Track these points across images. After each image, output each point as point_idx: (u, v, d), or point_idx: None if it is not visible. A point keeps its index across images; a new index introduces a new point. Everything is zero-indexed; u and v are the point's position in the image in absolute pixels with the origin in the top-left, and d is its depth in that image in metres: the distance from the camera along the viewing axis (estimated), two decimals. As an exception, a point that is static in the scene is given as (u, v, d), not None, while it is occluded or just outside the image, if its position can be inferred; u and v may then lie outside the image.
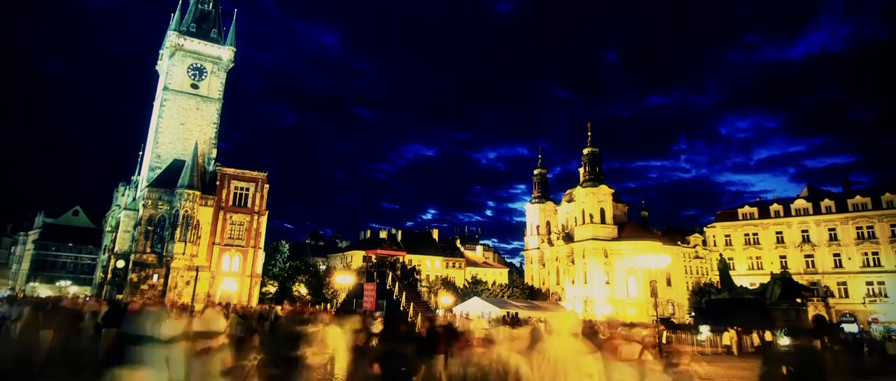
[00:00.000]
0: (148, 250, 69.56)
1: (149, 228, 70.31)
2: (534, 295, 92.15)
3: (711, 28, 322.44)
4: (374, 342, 14.03)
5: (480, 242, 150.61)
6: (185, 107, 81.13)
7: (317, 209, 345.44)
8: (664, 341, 35.56)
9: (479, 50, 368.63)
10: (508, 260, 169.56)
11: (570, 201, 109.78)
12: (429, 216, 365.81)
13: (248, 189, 76.65)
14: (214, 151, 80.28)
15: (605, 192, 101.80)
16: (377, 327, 17.10)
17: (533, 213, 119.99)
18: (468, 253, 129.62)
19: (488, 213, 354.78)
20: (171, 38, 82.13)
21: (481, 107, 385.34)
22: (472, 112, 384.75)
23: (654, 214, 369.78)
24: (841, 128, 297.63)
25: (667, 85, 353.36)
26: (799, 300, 57.06)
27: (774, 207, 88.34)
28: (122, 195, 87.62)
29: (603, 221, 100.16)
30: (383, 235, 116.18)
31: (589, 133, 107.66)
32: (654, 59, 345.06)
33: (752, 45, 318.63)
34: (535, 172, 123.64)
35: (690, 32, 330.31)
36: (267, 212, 77.72)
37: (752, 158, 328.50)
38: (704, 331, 46.92)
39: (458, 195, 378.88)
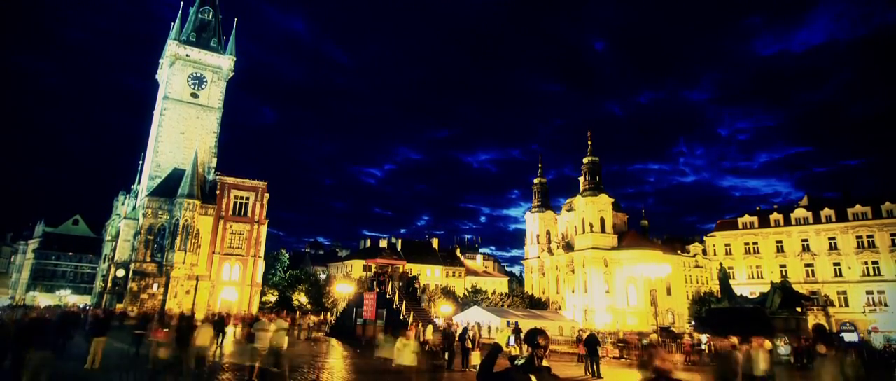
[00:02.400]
0: (148, 259, 69.56)
1: (149, 237, 70.33)
2: (534, 304, 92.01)
3: (707, 11, 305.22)
4: None
5: (480, 250, 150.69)
6: (185, 116, 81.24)
7: (309, 216, 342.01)
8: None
9: (456, 36, 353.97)
10: (508, 269, 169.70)
11: (569, 209, 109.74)
12: (422, 223, 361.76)
13: (248, 198, 76.70)
14: (214, 161, 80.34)
15: (605, 201, 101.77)
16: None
17: (533, 222, 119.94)
18: (468, 262, 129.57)
19: (482, 219, 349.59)
20: (171, 47, 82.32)
21: (466, 103, 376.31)
22: (457, 109, 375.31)
23: (654, 220, 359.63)
24: (846, 127, 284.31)
25: (660, 78, 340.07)
26: (799, 309, 56.99)
27: (774, 216, 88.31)
28: (122, 204, 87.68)
29: (603, 230, 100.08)
30: (383, 244, 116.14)
31: (589, 142, 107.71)
32: (645, 49, 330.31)
33: (751, 30, 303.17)
34: (535, 180, 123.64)
35: (683, 17, 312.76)
36: (267, 221, 77.78)
37: (752, 160, 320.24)
38: (703, 340, 46.95)
39: (452, 201, 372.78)
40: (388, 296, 47.65)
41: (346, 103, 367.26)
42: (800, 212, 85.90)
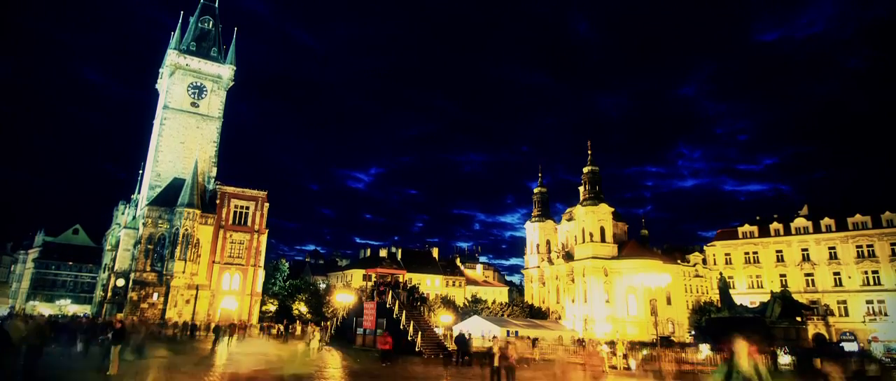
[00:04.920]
0: (148, 268, 69.50)
1: (149, 246, 70.30)
2: (534, 314, 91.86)
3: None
4: None
5: (479, 260, 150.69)
6: (185, 125, 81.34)
7: (297, 223, 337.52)
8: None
9: (431, 20, 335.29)
10: (507, 278, 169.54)
11: (569, 219, 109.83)
12: (416, 230, 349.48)
13: (247, 208, 76.71)
14: (214, 170, 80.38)
15: (605, 210, 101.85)
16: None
17: (533, 231, 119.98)
18: (468, 272, 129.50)
19: (476, 226, 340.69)
20: (171, 56, 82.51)
21: (448, 98, 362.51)
22: (439, 104, 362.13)
23: (654, 228, 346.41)
24: (851, 125, 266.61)
25: (652, 67, 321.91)
26: (799, 319, 56.95)
27: (774, 225, 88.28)
28: (123, 214, 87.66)
29: (603, 239, 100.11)
30: (383, 253, 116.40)
31: (589, 152, 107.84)
32: (634, 32, 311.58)
33: (749, 10, 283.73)
34: (535, 190, 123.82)
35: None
36: (267, 231, 77.76)
37: (752, 162, 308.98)
38: (704, 350, 46.84)
39: (445, 208, 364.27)
40: (388, 305, 47.62)
41: (322, 97, 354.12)
42: (800, 221, 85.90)
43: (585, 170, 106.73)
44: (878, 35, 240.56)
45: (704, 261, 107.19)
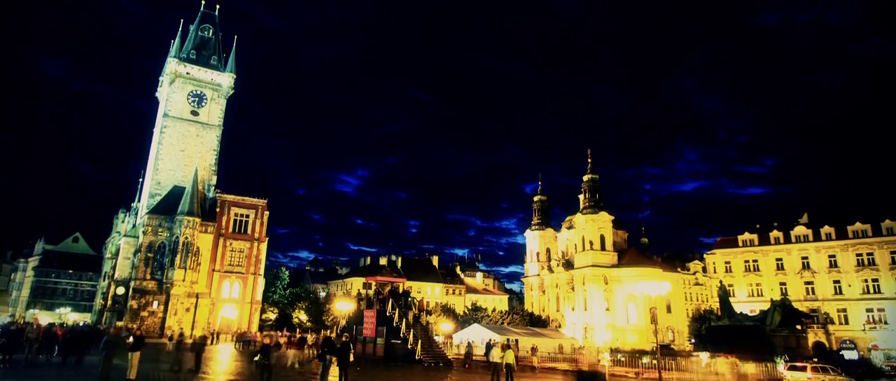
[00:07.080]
0: (148, 276, 69.50)
1: (149, 254, 70.32)
2: (534, 322, 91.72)
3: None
4: None
5: (479, 267, 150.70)
6: (185, 134, 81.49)
7: (288, 229, 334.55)
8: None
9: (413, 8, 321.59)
10: (506, 286, 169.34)
11: (569, 227, 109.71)
12: (410, 235, 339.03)
13: (247, 216, 76.79)
14: (214, 178, 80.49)
15: (605, 219, 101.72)
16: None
17: (533, 239, 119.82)
18: (468, 280, 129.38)
19: (471, 233, 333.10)
20: (171, 65, 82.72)
21: (428, 90, 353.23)
22: (421, 98, 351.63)
23: (654, 234, 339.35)
24: (855, 122, 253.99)
25: (646, 54, 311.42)
26: (799, 327, 57.12)
27: (774, 233, 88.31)
28: (123, 222, 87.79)
29: (603, 248, 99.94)
30: (383, 261, 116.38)
31: (589, 160, 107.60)
32: (622, 11, 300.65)
33: None
34: (535, 198, 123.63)
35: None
36: (267, 239, 77.81)
37: (752, 164, 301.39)
38: (704, 358, 46.84)
39: (439, 212, 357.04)
40: (388, 314, 47.62)
41: (299, 89, 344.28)
42: (800, 229, 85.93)
43: (585, 178, 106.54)
44: (884, 19, 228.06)
45: (704, 269, 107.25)
